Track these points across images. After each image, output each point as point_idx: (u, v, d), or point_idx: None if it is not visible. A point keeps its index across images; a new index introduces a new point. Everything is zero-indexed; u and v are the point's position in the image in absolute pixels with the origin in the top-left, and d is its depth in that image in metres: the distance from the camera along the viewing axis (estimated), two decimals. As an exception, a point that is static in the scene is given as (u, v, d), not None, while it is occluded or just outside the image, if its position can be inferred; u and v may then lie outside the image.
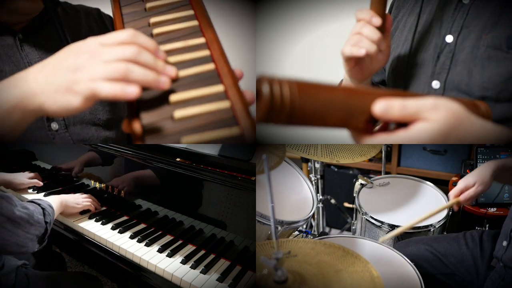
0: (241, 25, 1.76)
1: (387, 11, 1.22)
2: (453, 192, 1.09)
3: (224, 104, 0.70)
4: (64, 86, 0.65)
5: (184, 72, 0.74)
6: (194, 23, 0.84)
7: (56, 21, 1.04)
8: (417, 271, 1.11)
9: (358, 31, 0.90)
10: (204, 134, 0.67)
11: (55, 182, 1.55)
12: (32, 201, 1.06)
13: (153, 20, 0.85)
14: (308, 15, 1.88)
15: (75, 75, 0.64)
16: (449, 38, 0.99)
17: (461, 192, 1.08)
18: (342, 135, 1.22)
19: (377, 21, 0.89)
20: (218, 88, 0.72)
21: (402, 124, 0.65)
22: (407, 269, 1.13)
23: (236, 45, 1.19)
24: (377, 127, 0.65)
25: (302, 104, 0.58)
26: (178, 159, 1.24)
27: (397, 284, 1.09)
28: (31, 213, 0.97)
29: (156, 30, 0.83)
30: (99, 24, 1.19)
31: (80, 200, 1.32)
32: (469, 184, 1.07)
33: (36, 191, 1.48)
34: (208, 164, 1.20)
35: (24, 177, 1.49)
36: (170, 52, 0.77)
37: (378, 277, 0.80)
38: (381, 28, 0.90)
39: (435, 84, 1.00)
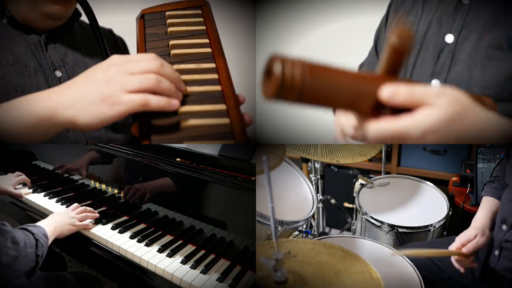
0: (241, 25, 1.76)
1: (385, 10, 1.22)
2: (453, 246, 1.08)
3: (224, 121, 0.79)
4: (98, 98, 0.69)
5: (193, 89, 0.83)
6: (208, 50, 0.94)
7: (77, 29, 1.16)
8: (417, 271, 1.11)
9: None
10: (203, 142, 0.76)
11: (55, 182, 1.55)
12: (26, 229, 1.00)
13: (172, 42, 0.95)
14: (308, 16, 1.88)
15: (109, 87, 0.69)
16: (449, 38, 0.99)
17: (462, 246, 1.07)
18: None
19: None
20: (221, 107, 0.81)
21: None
22: (407, 269, 1.14)
23: (236, 45, 1.19)
24: (384, 113, 0.65)
25: (312, 85, 0.59)
26: (178, 159, 1.24)
27: (397, 285, 1.09)
28: (20, 249, 0.91)
29: (174, 51, 0.93)
30: (111, 43, 1.27)
31: (75, 220, 1.21)
32: (470, 236, 1.07)
33: (36, 191, 1.48)
34: (208, 164, 1.20)
35: (10, 183, 1.45)
36: (182, 71, 0.87)
37: (378, 278, 0.80)
38: None
39: (435, 83, 1.00)
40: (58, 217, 1.19)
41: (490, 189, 1.22)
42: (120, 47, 1.29)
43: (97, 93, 0.69)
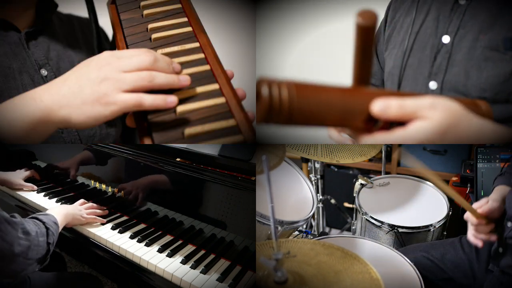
0: (241, 25, 1.76)
1: (384, 12, 1.22)
2: (467, 214, 1.04)
3: (220, 100, 0.78)
4: (92, 98, 0.68)
5: (182, 72, 0.81)
6: (188, 29, 0.92)
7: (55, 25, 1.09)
8: (417, 271, 1.11)
9: None
10: (204, 126, 0.74)
11: (55, 182, 1.55)
12: (36, 218, 1.02)
13: (151, 26, 0.92)
14: (308, 16, 1.88)
15: (102, 87, 0.68)
16: (446, 39, 0.99)
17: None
18: (342, 135, 1.22)
19: None
20: (214, 86, 0.80)
21: (402, 124, 0.65)
22: (407, 269, 1.14)
23: (236, 46, 1.19)
24: (378, 126, 0.65)
25: (300, 105, 0.58)
26: (178, 159, 1.24)
27: (397, 284, 1.09)
28: (32, 238, 0.92)
29: (155, 35, 0.90)
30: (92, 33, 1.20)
31: (84, 212, 1.25)
32: (482, 201, 1.04)
33: (36, 191, 1.48)
34: (208, 164, 1.20)
35: (20, 177, 1.49)
36: (168, 55, 0.83)
37: (377, 278, 0.81)
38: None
39: (432, 84, 1.00)
40: (68, 207, 1.23)
41: (500, 179, 1.20)
42: (100, 36, 1.19)
43: (90, 92, 0.68)
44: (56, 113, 0.68)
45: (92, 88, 0.68)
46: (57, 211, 1.14)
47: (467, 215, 1.04)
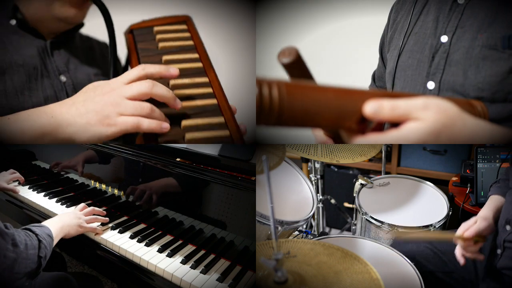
0: (241, 25, 1.76)
1: (385, 9, 1.22)
2: (457, 234, 1.06)
3: (224, 133, 0.87)
4: (95, 119, 0.78)
5: (191, 103, 0.92)
6: (199, 64, 1.03)
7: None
8: (417, 271, 1.11)
9: None
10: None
11: (55, 182, 1.55)
12: (30, 230, 0.98)
13: (165, 58, 1.03)
14: (308, 16, 1.88)
15: (105, 110, 0.78)
16: (444, 38, 0.99)
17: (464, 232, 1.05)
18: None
19: None
20: (219, 119, 0.90)
21: (395, 124, 0.64)
22: (407, 269, 1.14)
23: (236, 46, 1.19)
24: (370, 127, 0.65)
25: (291, 105, 0.57)
26: (178, 159, 1.24)
27: (397, 284, 1.09)
28: (19, 251, 0.88)
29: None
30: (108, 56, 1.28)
31: (82, 221, 1.19)
32: (470, 223, 1.06)
33: (36, 191, 1.48)
34: (208, 164, 1.20)
35: (3, 179, 1.45)
36: (178, 86, 0.96)
37: (377, 278, 0.81)
38: None
39: (430, 84, 1.00)
40: (66, 217, 1.17)
41: (494, 188, 1.22)
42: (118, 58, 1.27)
43: (94, 114, 0.78)
44: (63, 129, 0.78)
45: (96, 110, 0.78)
46: (53, 223, 1.10)
47: (455, 237, 1.05)
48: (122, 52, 1.15)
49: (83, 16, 1.10)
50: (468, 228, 1.05)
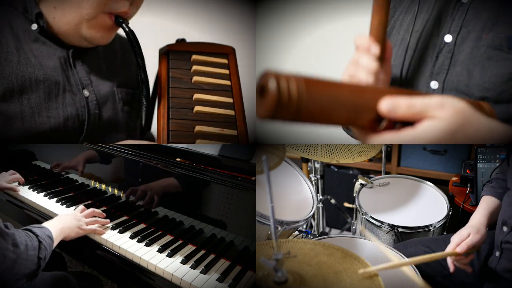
0: (241, 25, 1.76)
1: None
2: (449, 247, 1.07)
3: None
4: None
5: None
6: (231, 112, 0.99)
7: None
8: (417, 271, 1.11)
9: (355, 61, 0.85)
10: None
11: (55, 182, 1.55)
12: (30, 230, 0.98)
13: (196, 96, 0.99)
14: (308, 16, 1.88)
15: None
16: (448, 38, 0.98)
17: (457, 246, 1.05)
18: (342, 135, 1.22)
19: (376, 49, 0.83)
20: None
21: (406, 123, 0.63)
22: (407, 269, 1.13)
23: (236, 46, 1.19)
24: (382, 126, 0.63)
25: (309, 101, 0.55)
26: (178, 159, 1.24)
27: (397, 285, 1.09)
28: (20, 252, 0.87)
29: (197, 108, 0.99)
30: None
31: (83, 223, 1.19)
32: (463, 236, 1.06)
33: (36, 191, 1.48)
34: (208, 164, 1.20)
35: (3, 179, 1.45)
36: (204, 134, 0.97)
37: (377, 278, 0.80)
38: (381, 57, 0.84)
39: (434, 84, 0.99)
40: (66, 219, 1.17)
41: (488, 189, 1.22)
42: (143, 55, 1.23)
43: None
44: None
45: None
46: (53, 225, 1.10)
47: (446, 254, 1.06)
48: (146, 55, 1.08)
49: (109, 39, 1.06)
50: (461, 241, 1.05)
